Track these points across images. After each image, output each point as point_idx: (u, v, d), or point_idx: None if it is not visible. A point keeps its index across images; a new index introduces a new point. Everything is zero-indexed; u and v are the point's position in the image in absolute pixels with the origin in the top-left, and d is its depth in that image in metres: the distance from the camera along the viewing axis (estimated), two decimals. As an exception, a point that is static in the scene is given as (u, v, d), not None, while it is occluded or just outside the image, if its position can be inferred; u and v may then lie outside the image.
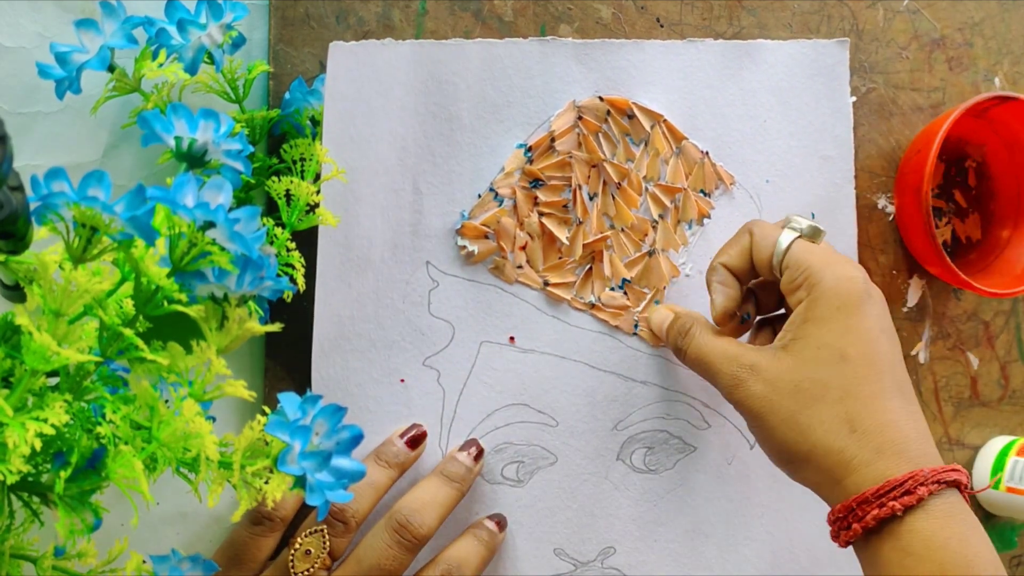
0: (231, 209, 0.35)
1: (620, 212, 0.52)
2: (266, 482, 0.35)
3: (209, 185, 0.35)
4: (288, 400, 0.35)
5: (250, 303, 0.40)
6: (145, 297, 0.36)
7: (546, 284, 0.52)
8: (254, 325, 0.37)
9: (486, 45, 0.51)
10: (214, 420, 0.36)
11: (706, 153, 0.53)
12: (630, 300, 0.52)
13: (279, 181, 0.47)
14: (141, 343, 0.35)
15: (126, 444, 0.34)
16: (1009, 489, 0.55)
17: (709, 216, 0.53)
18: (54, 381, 0.36)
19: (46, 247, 0.36)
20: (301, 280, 0.46)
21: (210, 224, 0.35)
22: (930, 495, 0.38)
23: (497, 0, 0.53)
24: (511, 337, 0.51)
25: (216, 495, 0.35)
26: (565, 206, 0.52)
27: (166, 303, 0.36)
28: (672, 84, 0.53)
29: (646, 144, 0.53)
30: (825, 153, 0.55)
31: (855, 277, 0.43)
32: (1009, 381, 0.59)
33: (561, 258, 0.52)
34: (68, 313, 0.33)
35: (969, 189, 0.59)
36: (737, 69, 0.54)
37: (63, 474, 0.33)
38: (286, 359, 0.51)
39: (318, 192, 0.47)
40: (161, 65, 0.44)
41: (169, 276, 0.35)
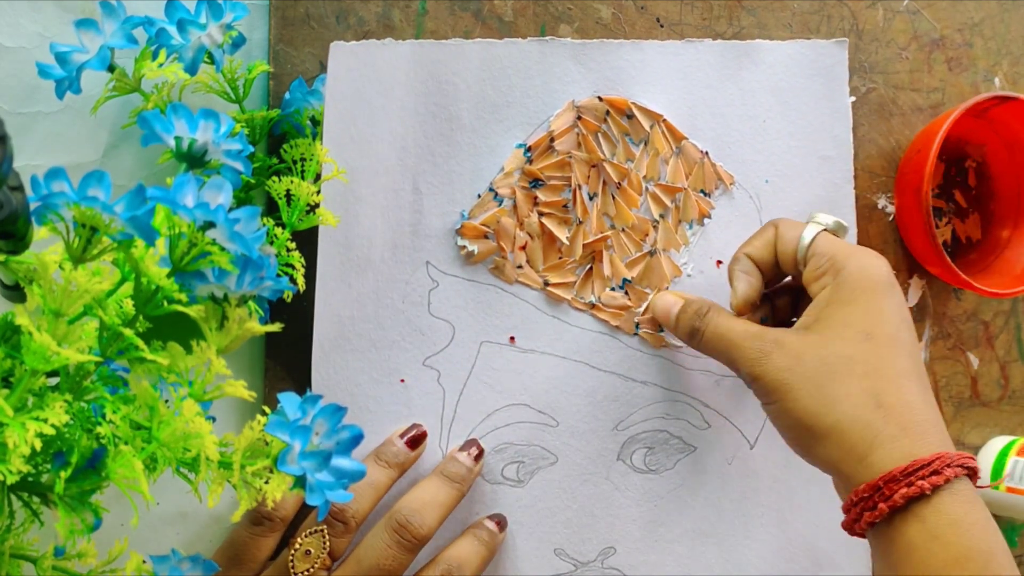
0: (231, 209, 0.35)
1: (620, 212, 0.52)
2: (266, 482, 0.35)
3: (209, 185, 0.35)
4: (288, 400, 0.35)
5: (250, 303, 0.40)
6: (145, 297, 0.36)
7: (546, 284, 0.52)
8: (254, 325, 0.37)
9: (485, 45, 0.51)
10: (214, 420, 0.36)
11: (706, 153, 0.53)
12: (631, 300, 0.52)
13: (279, 181, 0.47)
14: (141, 343, 0.35)
15: (126, 444, 0.34)
16: (1009, 489, 0.55)
17: (709, 216, 0.53)
18: (54, 381, 0.36)
19: (46, 247, 0.36)
20: (301, 280, 0.46)
21: (210, 224, 0.35)
22: (955, 478, 0.38)
23: (497, 0, 0.53)
24: (511, 337, 0.51)
25: (216, 495, 0.35)
26: (565, 206, 0.52)
27: (166, 303, 0.36)
28: (671, 84, 0.53)
29: (646, 144, 0.53)
30: (824, 153, 0.54)
31: (880, 264, 0.44)
32: (1009, 381, 0.59)
33: (561, 258, 0.52)
34: (68, 313, 0.33)
35: (969, 189, 0.59)
36: (736, 69, 0.54)
37: (63, 474, 0.33)
38: (286, 359, 0.51)
39: (318, 192, 0.47)
40: (161, 65, 0.44)
41: (169, 276, 0.35)
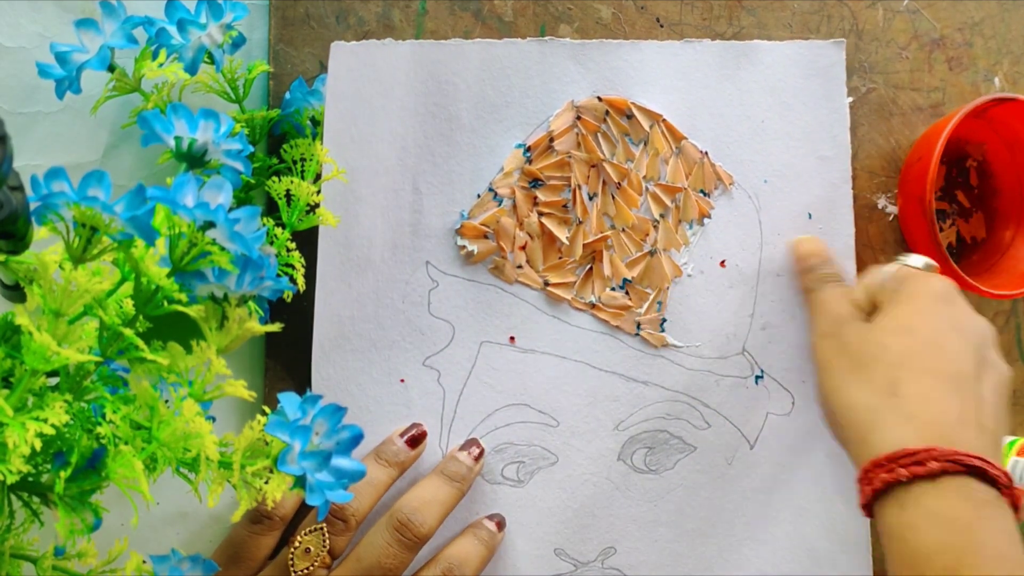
0: (231, 209, 0.35)
1: (620, 212, 0.52)
2: (266, 482, 0.35)
3: (209, 185, 0.35)
4: (288, 400, 0.35)
5: (250, 303, 0.40)
6: (145, 297, 0.36)
7: (546, 284, 0.52)
8: (254, 325, 0.37)
9: (485, 45, 0.51)
10: (214, 420, 0.36)
11: (705, 153, 0.53)
12: (631, 300, 0.52)
13: (279, 181, 0.47)
14: (141, 343, 0.35)
15: (126, 444, 0.34)
16: None
17: (709, 216, 0.53)
18: (54, 381, 0.36)
19: (46, 247, 0.36)
20: (301, 280, 0.45)
21: (210, 224, 0.35)
22: (944, 473, 0.38)
23: (497, 0, 0.53)
24: (511, 337, 0.51)
25: (216, 495, 0.35)
26: (565, 206, 0.52)
27: (166, 303, 0.36)
28: (670, 84, 0.53)
29: (645, 144, 0.53)
30: (822, 154, 0.54)
31: (943, 280, 0.47)
32: (1009, 381, 0.59)
33: (561, 258, 0.52)
34: (68, 313, 0.33)
35: (971, 189, 0.59)
36: (735, 69, 0.54)
37: (63, 474, 0.33)
38: (286, 359, 0.51)
39: (318, 192, 0.47)
40: (161, 65, 0.44)
41: (169, 276, 0.35)
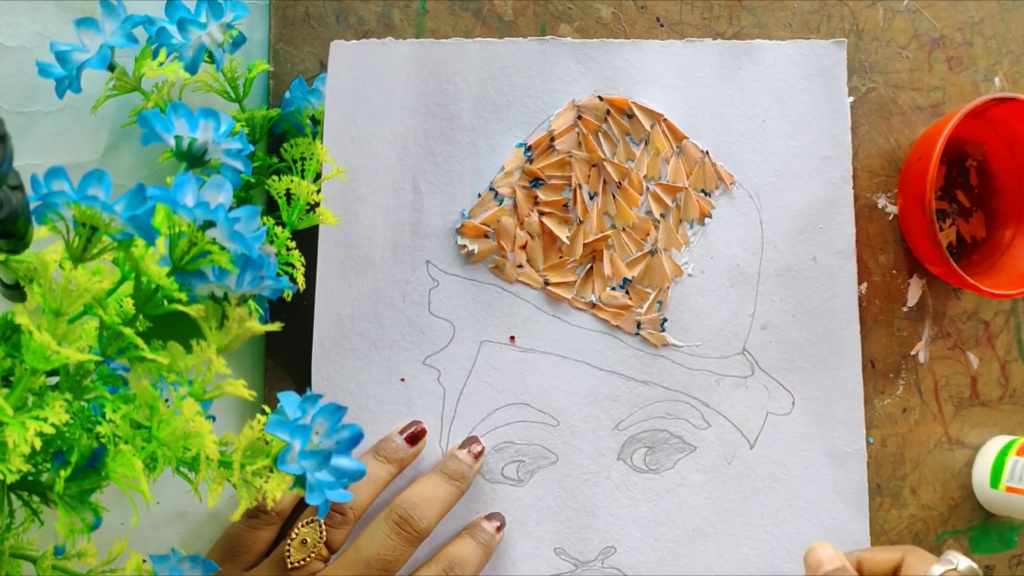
0: (231, 208, 0.35)
1: (621, 211, 0.52)
2: (266, 481, 0.35)
3: (209, 184, 0.35)
4: (288, 399, 0.35)
5: (250, 302, 0.40)
6: (145, 296, 0.36)
7: (546, 283, 0.51)
8: (254, 324, 0.37)
9: (486, 45, 0.51)
10: (214, 419, 0.36)
11: (706, 152, 0.53)
12: (632, 300, 0.52)
13: (279, 180, 0.46)
14: (141, 342, 0.35)
15: (126, 443, 0.34)
16: (1009, 489, 0.55)
17: (710, 215, 0.53)
18: (54, 380, 0.36)
19: (46, 246, 0.36)
20: (301, 279, 0.45)
21: (210, 224, 0.35)
22: None
23: (497, 0, 0.53)
24: (511, 336, 0.51)
25: (216, 494, 0.34)
26: (565, 205, 0.52)
27: (166, 303, 0.35)
28: (671, 84, 0.53)
29: (646, 143, 0.53)
30: (823, 153, 0.54)
31: None
32: (1009, 380, 0.59)
33: (562, 257, 0.52)
34: (68, 312, 0.33)
35: (971, 188, 0.59)
36: (736, 69, 0.54)
37: (63, 473, 0.33)
38: (286, 358, 0.51)
39: (318, 191, 0.47)
40: (161, 64, 0.44)
41: (169, 276, 0.35)
